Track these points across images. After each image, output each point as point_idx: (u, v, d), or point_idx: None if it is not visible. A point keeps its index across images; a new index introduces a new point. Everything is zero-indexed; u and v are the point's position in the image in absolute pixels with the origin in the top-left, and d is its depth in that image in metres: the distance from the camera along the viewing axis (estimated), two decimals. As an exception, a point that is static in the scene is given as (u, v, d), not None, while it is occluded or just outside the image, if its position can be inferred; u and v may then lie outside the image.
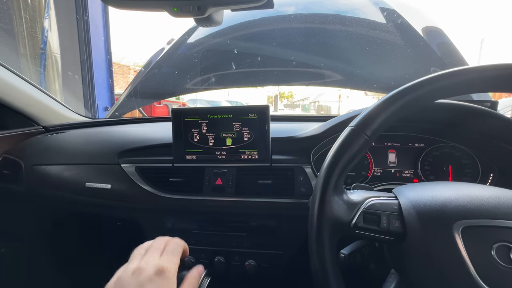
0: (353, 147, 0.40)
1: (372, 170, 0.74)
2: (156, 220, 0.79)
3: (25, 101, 0.96)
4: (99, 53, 2.25)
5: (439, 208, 0.35)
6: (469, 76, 0.39)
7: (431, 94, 0.40)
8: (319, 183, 0.40)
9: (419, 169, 0.71)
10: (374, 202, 0.40)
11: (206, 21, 0.55)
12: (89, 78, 2.02)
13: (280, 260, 0.75)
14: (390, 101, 0.41)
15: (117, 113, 1.45)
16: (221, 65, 1.44)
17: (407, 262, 0.38)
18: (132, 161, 0.79)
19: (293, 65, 1.30)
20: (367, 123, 0.40)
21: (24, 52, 1.93)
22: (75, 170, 0.82)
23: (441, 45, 1.22)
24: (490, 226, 0.32)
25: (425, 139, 0.72)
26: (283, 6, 1.36)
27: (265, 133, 0.72)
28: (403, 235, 0.37)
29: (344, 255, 0.47)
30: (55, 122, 1.06)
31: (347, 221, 0.39)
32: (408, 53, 1.21)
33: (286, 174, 0.72)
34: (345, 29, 1.29)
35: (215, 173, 0.74)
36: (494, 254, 0.31)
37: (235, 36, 1.41)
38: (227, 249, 0.76)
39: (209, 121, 0.74)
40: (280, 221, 0.74)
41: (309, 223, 0.40)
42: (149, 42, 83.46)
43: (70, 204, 0.85)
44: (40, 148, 0.91)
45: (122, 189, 0.76)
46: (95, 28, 2.16)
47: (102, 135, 0.94)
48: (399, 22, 1.26)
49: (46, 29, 2.00)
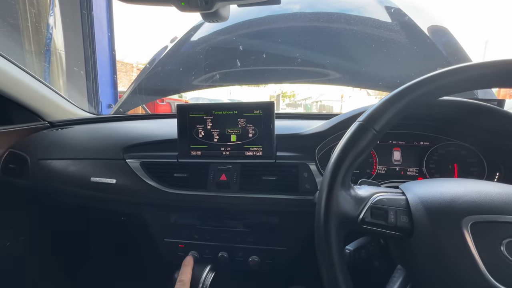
0: (361, 142, 0.40)
1: (376, 168, 0.73)
2: (161, 215, 0.80)
3: (31, 96, 0.97)
4: (103, 50, 2.26)
5: (448, 204, 0.35)
6: (477, 72, 0.39)
7: (439, 90, 0.40)
8: (326, 177, 0.40)
9: (424, 168, 0.70)
10: (382, 197, 0.40)
11: (213, 16, 0.55)
12: (93, 75, 2.03)
13: (284, 256, 0.75)
14: (398, 97, 0.41)
15: (121, 109, 1.46)
16: (224, 62, 1.44)
17: (415, 258, 0.38)
18: (137, 156, 0.79)
19: (297, 63, 1.30)
20: (376, 118, 0.40)
21: (29, 48, 1.94)
22: (80, 164, 0.82)
23: (447, 44, 1.21)
24: (500, 222, 0.32)
25: (430, 137, 0.72)
26: (288, 3, 1.36)
27: (269, 129, 0.72)
28: (410, 231, 0.37)
29: (350, 251, 0.47)
30: (60, 117, 1.06)
31: (354, 216, 0.39)
32: (414, 52, 1.21)
33: (290, 170, 0.72)
34: (350, 27, 1.28)
35: (220, 169, 0.74)
36: (503, 249, 0.31)
37: (239, 33, 1.41)
38: (231, 245, 0.76)
39: (214, 117, 0.74)
40: (284, 217, 0.74)
41: (316, 217, 0.40)
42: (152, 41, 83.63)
43: (75, 198, 0.85)
44: (46, 143, 0.91)
45: (127, 184, 0.77)
46: (99, 25, 2.17)
47: (107, 131, 0.94)
48: (405, 21, 1.26)
49: (51, 26, 2.01)
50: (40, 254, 1.05)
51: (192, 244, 0.78)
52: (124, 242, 1.06)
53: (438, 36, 1.25)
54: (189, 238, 0.78)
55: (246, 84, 1.60)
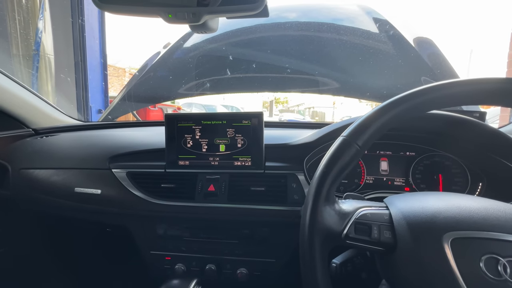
0: (345, 157, 0.40)
1: (364, 178, 0.74)
2: (147, 226, 0.78)
3: (14, 103, 0.94)
4: (94, 55, 2.23)
5: (429, 220, 0.36)
6: (460, 89, 0.40)
7: (422, 106, 0.41)
8: (310, 192, 0.40)
9: (411, 178, 0.71)
10: (366, 212, 0.40)
11: (201, 28, 0.55)
12: (83, 81, 2.00)
13: (272, 268, 0.75)
14: (382, 112, 0.41)
15: (110, 116, 1.43)
16: (216, 70, 1.45)
17: (397, 273, 0.38)
18: (124, 166, 0.77)
19: (288, 72, 1.31)
20: (359, 134, 0.41)
21: (17, 52, 1.90)
22: (65, 174, 0.80)
23: (432, 55, 1.25)
24: (478, 238, 0.33)
25: (416, 148, 0.73)
26: (279, 12, 1.38)
27: (258, 140, 0.72)
28: (393, 246, 0.37)
29: (336, 264, 0.47)
30: (45, 124, 1.03)
31: (338, 231, 0.39)
32: (400, 63, 1.24)
33: (279, 181, 0.71)
34: (339, 37, 1.31)
35: (208, 179, 0.73)
36: (482, 266, 0.31)
37: (231, 42, 1.42)
38: (219, 257, 0.75)
39: (202, 127, 0.74)
40: (272, 228, 0.74)
41: (301, 232, 0.39)
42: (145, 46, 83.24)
43: (58, 209, 0.82)
44: (29, 151, 0.88)
45: (112, 194, 0.75)
46: (90, 30, 2.15)
47: (94, 139, 0.92)
48: (391, 32, 1.29)
49: (40, 30, 1.98)
50: (20, 267, 1.00)
51: (179, 256, 0.77)
52: (109, 254, 1.03)
53: (424, 47, 1.29)
54: (176, 250, 0.77)
55: (238, 92, 1.60)
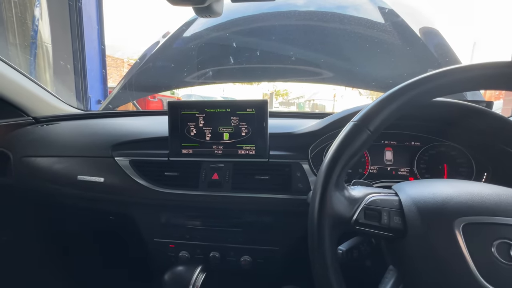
0: (356, 142, 0.40)
1: (368, 167, 0.74)
2: (150, 214, 0.78)
3: (14, 90, 0.93)
4: (92, 43, 2.19)
5: (440, 205, 0.35)
6: (478, 72, 0.38)
7: (435, 90, 0.40)
8: (320, 178, 0.40)
9: (415, 168, 0.71)
10: (375, 198, 0.40)
11: (205, 11, 0.53)
12: (81, 69, 1.96)
13: (276, 256, 0.75)
14: (393, 97, 0.41)
15: (110, 105, 1.42)
16: (217, 59, 1.43)
17: (407, 259, 0.38)
18: (126, 154, 0.77)
19: (291, 61, 1.29)
20: (370, 119, 0.40)
21: (14, 41, 1.86)
22: (67, 162, 0.79)
23: (438, 46, 1.23)
24: (491, 223, 0.33)
25: (421, 137, 0.72)
26: (283, 1, 1.35)
27: (263, 128, 0.71)
28: (403, 232, 0.37)
29: (342, 251, 0.47)
30: (46, 113, 1.02)
31: (348, 217, 0.39)
32: (406, 53, 1.22)
33: (283, 170, 0.71)
34: (344, 27, 1.29)
35: (212, 168, 0.73)
36: (494, 251, 0.31)
37: (233, 30, 1.39)
38: (223, 245, 0.76)
39: (206, 115, 0.73)
40: (276, 217, 0.74)
41: (310, 218, 0.39)
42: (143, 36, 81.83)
43: (61, 197, 0.82)
44: (30, 139, 0.87)
45: (115, 182, 0.74)
46: (88, 18, 2.10)
47: (96, 127, 0.91)
48: (397, 21, 1.27)
49: (37, 18, 1.93)
50: (23, 255, 1.01)
51: (182, 244, 0.77)
52: (112, 242, 1.04)
53: (430, 37, 1.26)
54: (179, 238, 0.77)
55: (239, 82, 1.59)
